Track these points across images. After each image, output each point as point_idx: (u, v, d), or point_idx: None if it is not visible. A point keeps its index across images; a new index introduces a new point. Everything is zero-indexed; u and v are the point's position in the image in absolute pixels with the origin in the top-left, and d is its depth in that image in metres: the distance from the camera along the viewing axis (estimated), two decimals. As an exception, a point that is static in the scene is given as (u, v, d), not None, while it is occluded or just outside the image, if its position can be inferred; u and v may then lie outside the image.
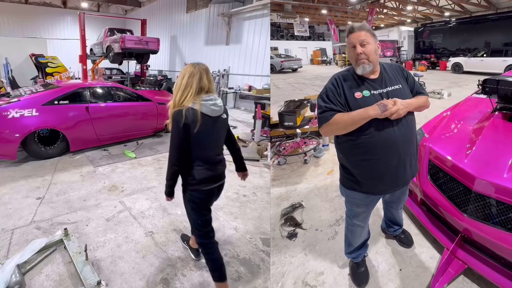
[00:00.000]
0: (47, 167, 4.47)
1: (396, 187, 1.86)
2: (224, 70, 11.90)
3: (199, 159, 1.96)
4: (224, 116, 2.06)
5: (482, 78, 2.81)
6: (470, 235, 2.01)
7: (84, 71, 11.09)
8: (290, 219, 2.80)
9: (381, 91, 1.70)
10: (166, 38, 15.51)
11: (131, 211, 3.27)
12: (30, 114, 4.55)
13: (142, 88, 9.39)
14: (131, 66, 13.17)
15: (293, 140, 4.43)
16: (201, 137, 1.90)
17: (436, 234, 2.30)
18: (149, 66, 12.67)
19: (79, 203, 3.41)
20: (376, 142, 1.65)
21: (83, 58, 11.11)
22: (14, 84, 11.14)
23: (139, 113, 5.98)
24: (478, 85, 3.00)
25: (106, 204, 3.41)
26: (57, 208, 3.28)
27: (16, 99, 4.68)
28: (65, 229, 2.65)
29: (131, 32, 12.56)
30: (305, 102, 4.38)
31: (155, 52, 11.10)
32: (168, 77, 13.65)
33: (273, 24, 21.17)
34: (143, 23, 12.60)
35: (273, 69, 16.08)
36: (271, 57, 15.44)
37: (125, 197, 3.60)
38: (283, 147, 4.38)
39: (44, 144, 4.83)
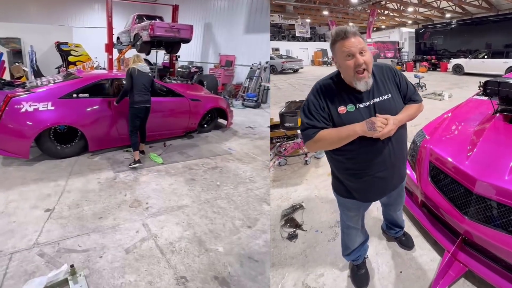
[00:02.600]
0: (62, 169, 4.02)
1: (384, 195, 1.85)
2: (267, 62, 10.62)
3: (136, 90, 4.15)
4: (150, 74, 4.43)
5: (483, 79, 2.80)
6: (471, 237, 2.00)
7: (110, 61, 10.24)
8: (290, 220, 2.80)
9: (367, 103, 1.54)
10: (199, 26, 13.65)
11: (157, 241, 2.61)
12: (46, 108, 4.07)
13: (173, 81, 8.31)
14: (159, 57, 11.95)
15: (294, 141, 4.43)
16: (137, 80, 4.15)
17: (436, 236, 2.29)
18: (178, 56, 11.51)
19: (93, 222, 2.84)
20: (365, 157, 1.60)
21: (109, 47, 10.21)
22: (37, 73, 10.51)
23: (169, 110, 5.33)
24: (479, 87, 2.99)
25: (126, 227, 2.79)
26: (67, 227, 2.74)
27: (31, 91, 4.20)
28: (72, 266, 2.13)
29: (161, 18, 11.31)
30: (305, 103, 4.36)
31: (187, 41, 9.95)
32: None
33: (274, 25, 21.21)
34: (175, 9, 11.45)
35: (274, 70, 16.10)
36: (272, 58, 15.44)
37: (150, 218, 2.95)
38: (283, 148, 4.38)
39: (60, 142, 4.36)
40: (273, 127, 4.80)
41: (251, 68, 10.93)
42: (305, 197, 3.21)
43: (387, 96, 1.58)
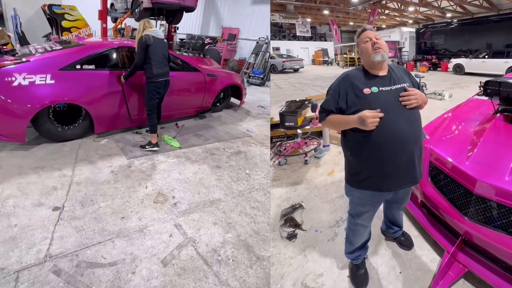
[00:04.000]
0: (66, 155, 3.48)
1: (404, 184, 1.85)
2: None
3: (154, 61, 3.65)
4: (165, 40, 3.91)
5: (484, 79, 2.79)
6: (471, 238, 2.00)
7: (104, 30, 8.91)
8: (290, 220, 2.79)
9: (388, 88, 1.75)
10: (200, -5, 12.33)
11: (197, 247, 2.21)
12: (44, 82, 3.41)
13: (184, 54, 7.63)
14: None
15: (294, 140, 4.42)
16: (154, 49, 3.64)
17: (436, 237, 2.28)
18: (177, 28, 10.27)
19: (115, 223, 2.39)
20: (384, 137, 1.67)
21: (103, 14, 8.73)
22: (23, 41, 9.12)
23: (185, 86, 4.79)
24: (479, 87, 2.99)
25: (156, 229, 2.37)
26: (84, 231, 2.26)
27: (24, 59, 3.48)
28: None
29: (161, -18, 10.12)
30: (306, 102, 4.36)
31: (191, 9, 8.75)
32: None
33: (275, 24, 21.22)
34: (176, -27, 10.10)
35: (274, 69, 16.09)
36: (273, 57, 15.40)
37: (182, 217, 2.55)
38: (283, 147, 4.37)
39: (61, 122, 3.77)
40: (273, 126, 4.79)
41: (257, 42, 10.18)
42: (304, 197, 3.20)
43: (406, 84, 1.80)
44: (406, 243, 2.37)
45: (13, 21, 9.86)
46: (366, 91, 1.72)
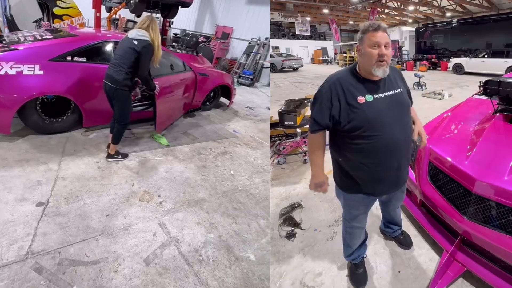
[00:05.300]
0: (52, 148, 3.42)
1: (395, 188, 1.86)
2: (266, 38, 9.91)
3: (112, 59, 3.30)
4: (135, 42, 3.14)
5: (484, 79, 2.79)
6: (469, 237, 2.00)
7: (97, 20, 8.51)
8: (288, 219, 2.79)
9: (383, 94, 1.66)
10: (196, -8, 11.61)
11: (179, 247, 2.25)
12: (32, 72, 3.28)
13: (177, 51, 7.32)
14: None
15: (293, 139, 4.41)
16: (117, 47, 3.31)
17: (435, 236, 2.29)
18: (172, 22, 10.12)
19: (100, 221, 2.37)
20: (379, 146, 1.63)
21: (97, 3, 8.46)
22: (12, 25, 8.79)
23: (179, 88, 4.66)
24: (479, 86, 2.98)
25: (140, 228, 2.38)
26: (68, 228, 2.23)
27: (12, 47, 3.35)
28: None
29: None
30: (305, 101, 4.35)
31: (187, 4, 8.58)
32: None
33: (274, 23, 21.18)
34: (173, -33, 9.79)
35: (274, 68, 16.06)
36: (272, 56, 15.38)
37: (166, 216, 2.58)
38: (282, 146, 4.37)
39: (49, 114, 3.66)
40: (272, 125, 4.78)
41: (249, 43, 10.25)
42: (303, 196, 3.20)
43: (399, 90, 1.73)
44: (405, 242, 2.37)
45: (1, 3, 9.26)
46: (360, 99, 1.60)
